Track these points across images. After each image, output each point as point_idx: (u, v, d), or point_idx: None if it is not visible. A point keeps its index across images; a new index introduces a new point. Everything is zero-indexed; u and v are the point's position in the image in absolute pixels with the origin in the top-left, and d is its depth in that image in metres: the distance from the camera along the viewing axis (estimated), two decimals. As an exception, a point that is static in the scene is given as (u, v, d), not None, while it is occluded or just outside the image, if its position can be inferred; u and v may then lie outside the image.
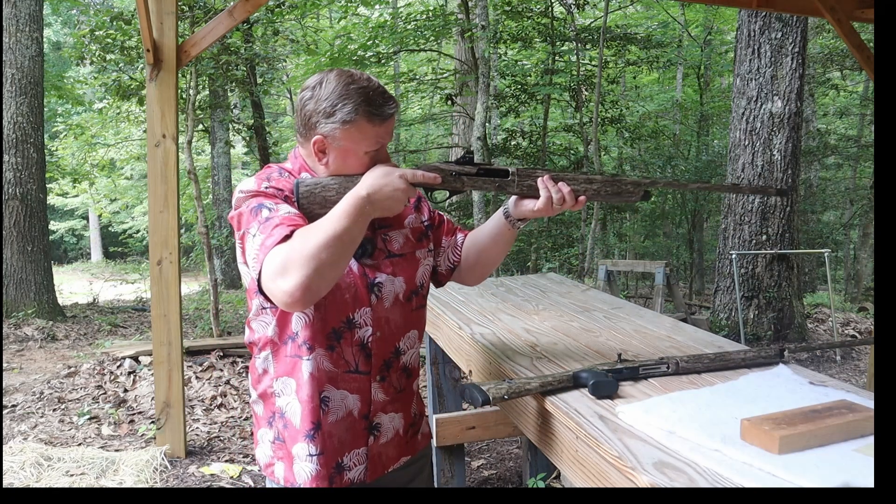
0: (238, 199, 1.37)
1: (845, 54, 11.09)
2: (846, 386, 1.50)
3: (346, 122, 1.35)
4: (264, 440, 1.49)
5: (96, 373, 4.92)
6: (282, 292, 1.22)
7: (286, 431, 1.44)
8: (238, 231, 1.36)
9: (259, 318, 1.45)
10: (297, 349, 1.41)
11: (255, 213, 1.33)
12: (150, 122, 3.57)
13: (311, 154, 1.42)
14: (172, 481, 3.35)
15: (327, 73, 1.40)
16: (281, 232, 1.25)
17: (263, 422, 1.49)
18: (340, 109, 1.35)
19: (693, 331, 2.04)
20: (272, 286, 1.23)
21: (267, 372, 1.46)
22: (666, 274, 6.05)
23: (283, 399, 1.44)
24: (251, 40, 8.66)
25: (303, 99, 1.40)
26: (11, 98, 7.50)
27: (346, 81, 1.36)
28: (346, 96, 1.35)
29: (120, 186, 19.95)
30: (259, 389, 1.48)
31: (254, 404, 1.53)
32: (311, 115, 1.38)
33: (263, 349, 1.46)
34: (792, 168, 6.87)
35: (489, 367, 1.86)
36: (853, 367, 6.12)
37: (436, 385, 3.03)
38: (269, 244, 1.25)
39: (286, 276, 1.21)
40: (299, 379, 1.42)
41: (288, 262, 1.21)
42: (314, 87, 1.38)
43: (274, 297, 1.25)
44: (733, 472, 1.08)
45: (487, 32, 7.86)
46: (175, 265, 3.55)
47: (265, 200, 1.34)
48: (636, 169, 12.85)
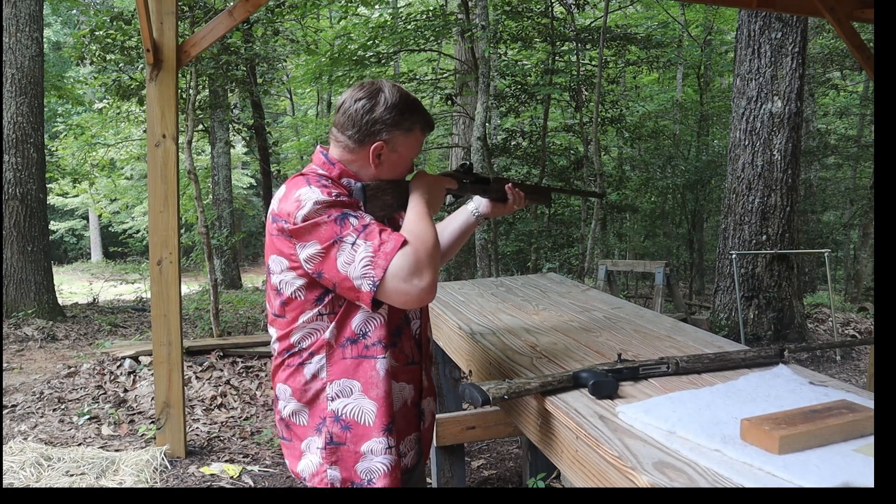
0: (312, 210, 1.37)
1: (845, 54, 11.10)
2: (846, 386, 1.50)
3: (409, 130, 1.50)
4: (310, 449, 1.48)
5: (96, 373, 4.92)
6: (419, 290, 1.35)
7: (349, 433, 1.46)
8: (320, 243, 1.37)
9: (311, 325, 1.45)
10: (365, 349, 1.46)
11: (341, 223, 1.37)
12: (150, 122, 3.57)
13: (360, 158, 1.50)
14: (172, 481, 3.35)
15: (380, 84, 1.50)
16: (397, 237, 1.37)
17: (310, 430, 1.48)
18: (407, 119, 1.49)
19: (693, 331, 2.04)
20: (406, 286, 1.34)
21: (317, 377, 1.46)
22: (666, 274, 6.05)
23: (340, 402, 1.46)
24: (251, 40, 8.67)
25: (362, 107, 1.46)
26: (11, 98, 7.50)
27: (403, 94, 1.50)
28: (409, 108, 1.50)
29: (120, 186, 19.95)
30: (306, 396, 1.48)
31: (292, 416, 1.50)
32: (375, 122, 1.46)
33: (317, 353, 1.46)
34: (792, 168, 6.87)
35: (489, 367, 1.86)
36: (853, 367, 6.12)
37: (436, 385, 3.02)
38: (390, 249, 1.35)
39: (422, 276, 1.35)
40: (368, 378, 1.46)
41: (419, 263, 1.35)
42: (370, 96, 1.47)
43: (407, 295, 1.36)
44: (733, 472, 1.08)
45: (487, 32, 7.86)
46: (175, 265, 3.55)
47: (347, 210, 1.39)
48: (636, 169, 12.85)
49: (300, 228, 1.38)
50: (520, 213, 10.31)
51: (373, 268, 1.34)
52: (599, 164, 9.17)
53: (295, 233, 1.39)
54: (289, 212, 1.39)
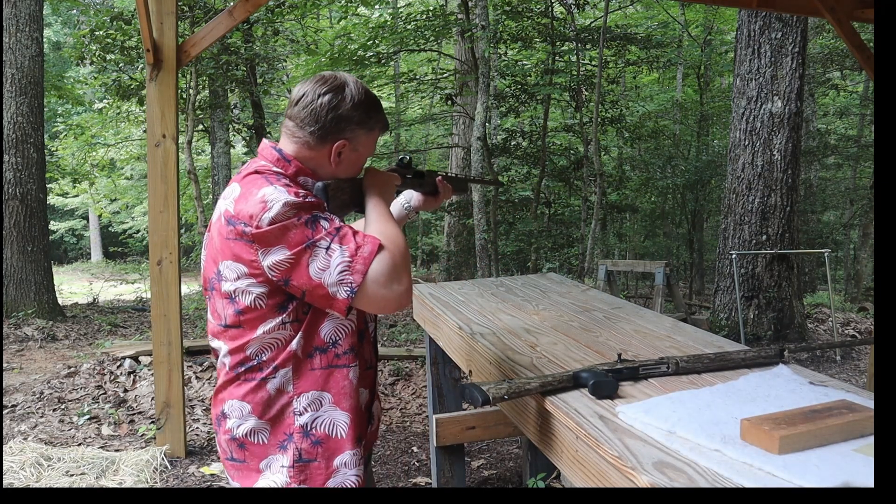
0: (280, 213, 1.27)
1: (845, 54, 11.09)
2: (846, 386, 1.49)
3: (371, 130, 1.45)
4: (271, 468, 1.37)
5: (96, 373, 4.92)
6: (398, 295, 1.31)
7: (320, 448, 1.37)
8: (289, 248, 1.27)
9: (271, 336, 1.35)
10: (335, 358, 1.39)
11: (312, 226, 1.28)
12: (150, 122, 3.57)
13: (319, 156, 1.42)
14: (172, 481, 3.35)
15: (343, 78, 1.42)
16: (373, 241, 1.31)
17: (271, 448, 1.38)
18: (372, 118, 1.44)
19: (693, 331, 2.04)
20: (385, 291, 1.30)
21: (283, 392, 1.36)
22: (666, 274, 6.05)
23: (309, 415, 1.37)
24: (251, 40, 8.67)
25: (327, 103, 1.38)
26: (11, 98, 7.50)
27: (367, 91, 1.44)
28: (374, 107, 1.44)
29: (120, 186, 19.97)
30: (269, 413, 1.37)
31: (250, 434, 1.38)
32: (341, 120, 1.40)
33: (282, 367, 1.36)
34: (792, 168, 6.87)
35: (489, 367, 1.86)
36: (853, 367, 6.12)
37: (436, 385, 3.02)
38: (367, 253, 1.29)
39: (400, 280, 1.31)
40: (340, 388, 1.39)
41: (396, 267, 1.31)
42: (335, 91, 1.39)
43: (386, 300, 1.31)
44: (733, 472, 1.08)
45: (487, 32, 7.86)
46: (175, 265, 3.55)
47: (316, 212, 1.31)
48: (636, 169, 12.85)
49: (265, 233, 1.27)
50: (520, 213, 10.32)
51: (350, 273, 1.27)
52: (599, 164, 9.17)
53: (259, 237, 1.27)
54: (251, 214, 1.27)
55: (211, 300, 1.41)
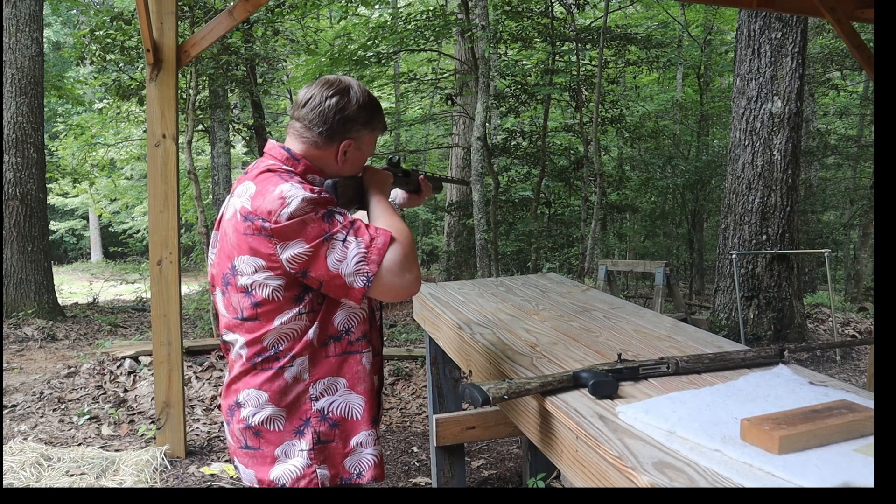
0: (299, 208, 1.33)
1: (845, 54, 11.09)
2: (846, 386, 1.50)
3: (373, 130, 1.54)
4: (289, 453, 1.43)
5: (96, 373, 4.92)
6: (410, 283, 1.40)
7: (338, 430, 1.46)
8: (306, 241, 1.34)
9: (288, 326, 1.41)
10: (349, 345, 1.47)
11: (329, 220, 1.36)
12: (150, 122, 3.57)
13: (326, 155, 1.50)
14: (172, 481, 3.35)
15: (347, 81, 1.51)
16: (385, 233, 1.40)
17: (287, 435, 1.43)
18: (375, 119, 1.53)
19: (693, 331, 2.04)
20: (399, 280, 1.39)
21: (300, 379, 1.43)
22: (666, 274, 6.05)
23: (325, 400, 1.45)
24: (251, 40, 8.66)
25: (335, 104, 1.47)
26: (11, 98, 7.50)
27: (370, 93, 1.53)
28: (377, 108, 1.53)
29: (120, 186, 19.97)
30: (286, 400, 1.43)
31: (266, 422, 1.43)
32: (347, 120, 1.48)
33: (299, 356, 1.42)
34: (792, 168, 6.87)
35: (489, 367, 1.86)
36: (853, 367, 6.12)
37: (436, 385, 3.02)
38: (381, 244, 1.38)
39: (411, 269, 1.40)
40: (354, 373, 1.47)
41: (407, 257, 1.40)
42: (341, 94, 1.48)
43: (399, 288, 1.40)
44: (733, 472, 1.08)
45: (487, 32, 7.86)
46: (175, 265, 3.55)
47: (331, 207, 1.39)
48: (636, 169, 12.85)
49: (284, 227, 1.33)
50: (520, 213, 10.32)
51: (367, 263, 1.36)
52: (599, 164, 9.17)
53: (278, 232, 1.34)
54: (270, 209, 1.34)
55: (225, 295, 1.47)
